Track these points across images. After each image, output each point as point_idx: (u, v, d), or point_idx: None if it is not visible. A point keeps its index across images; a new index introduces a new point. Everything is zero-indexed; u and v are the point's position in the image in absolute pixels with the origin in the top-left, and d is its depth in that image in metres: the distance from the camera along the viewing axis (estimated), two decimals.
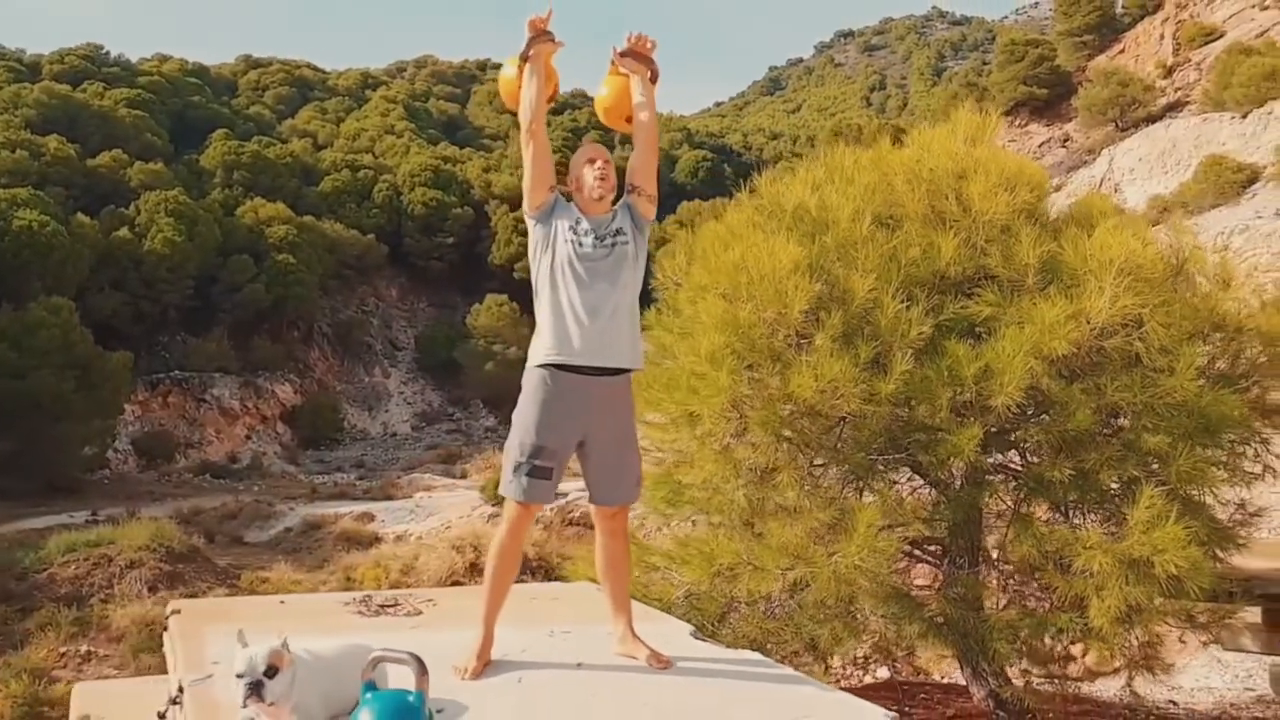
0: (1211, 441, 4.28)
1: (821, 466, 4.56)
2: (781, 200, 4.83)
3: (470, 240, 54.95)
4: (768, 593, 4.36)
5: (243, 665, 2.39)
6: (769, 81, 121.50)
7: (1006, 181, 4.45)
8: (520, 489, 3.10)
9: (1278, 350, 4.47)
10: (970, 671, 4.80)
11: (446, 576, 23.43)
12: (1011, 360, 3.94)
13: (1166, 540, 3.78)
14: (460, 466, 39.91)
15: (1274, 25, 35.87)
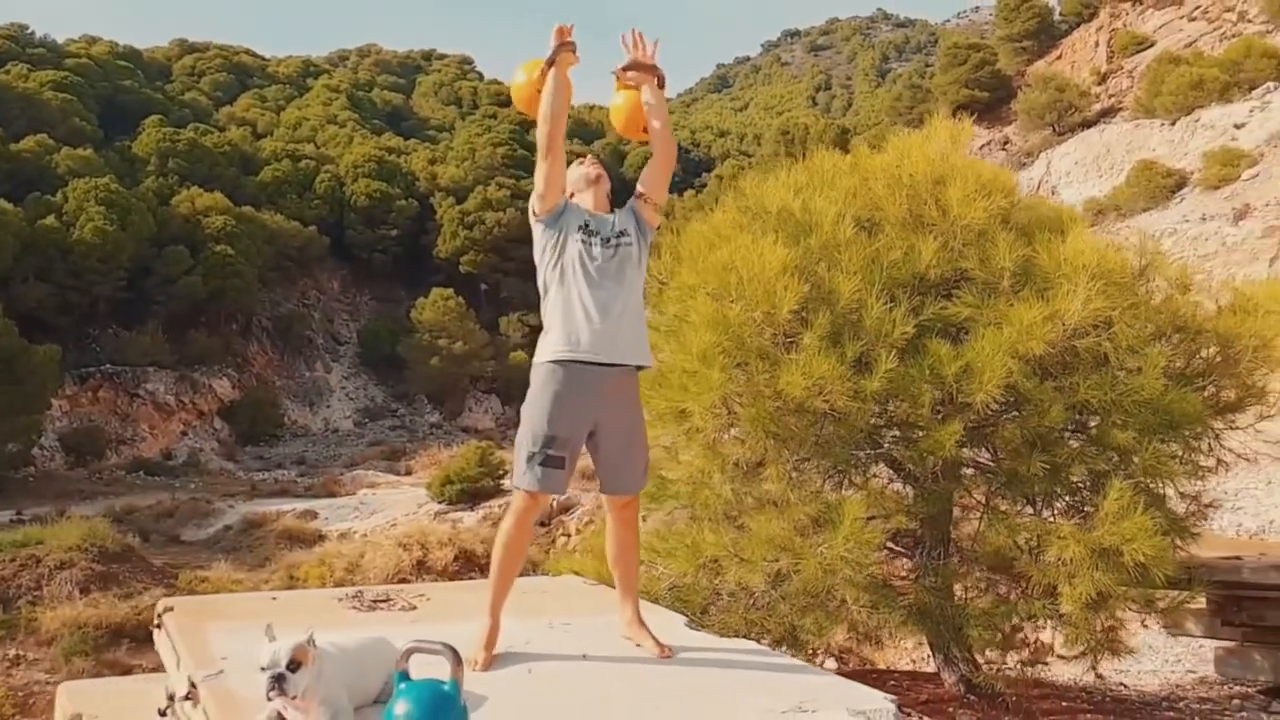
0: (1173, 437, 4.49)
1: (805, 461, 4.67)
2: (766, 203, 4.93)
3: (415, 233, 54.30)
4: (753, 584, 4.46)
5: (267, 659, 2.41)
6: (716, 79, 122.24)
7: (982, 188, 4.62)
8: (535, 479, 3.13)
9: (1232, 351, 4.71)
10: (942, 658, 4.96)
11: (393, 574, 23.19)
12: (991, 359, 4.09)
13: (1135, 530, 3.97)
14: (404, 463, 39.49)
15: (1201, 36, 37.19)
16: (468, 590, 4.44)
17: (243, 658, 2.87)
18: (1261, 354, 4.71)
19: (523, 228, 48.56)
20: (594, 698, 2.85)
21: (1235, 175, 27.76)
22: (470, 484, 29.61)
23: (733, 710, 2.80)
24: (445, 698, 2.35)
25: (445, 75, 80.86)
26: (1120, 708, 5.58)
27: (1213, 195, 28.05)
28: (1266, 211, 26.48)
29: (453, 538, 25.59)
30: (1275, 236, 25.60)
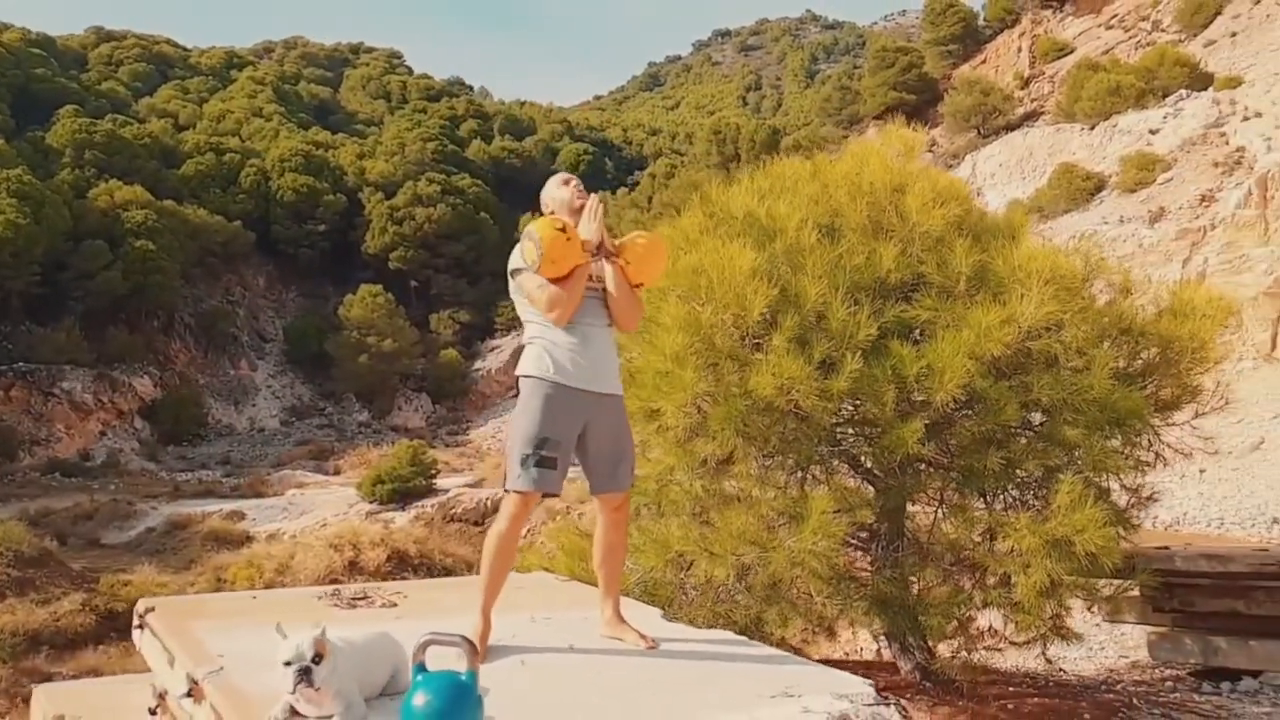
0: (1117, 433, 4.71)
1: (771, 458, 4.77)
2: (732, 208, 5.02)
3: (343, 228, 53.33)
4: (721, 577, 4.55)
5: (290, 653, 2.47)
6: (648, 77, 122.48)
7: (939, 195, 4.78)
8: (530, 480, 3.22)
9: (1172, 352, 4.96)
10: (898, 647, 5.12)
11: (324, 575, 22.80)
12: (951, 360, 4.24)
13: (1085, 521, 4.16)
14: (333, 463, 38.82)
15: (1118, 44, 38.59)
16: (445, 588, 4.48)
17: (240, 655, 2.93)
18: (1199, 355, 4.97)
19: (453, 224, 47.65)
20: (589, 686, 2.93)
21: (1151, 179, 28.89)
22: (402, 484, 29.28)
23: (723, 695, 2.89)
24: (463, 688, 2.42)
25: (374, 69, 79.56)
26: (1064, 691, 5.82)
27: (1130, 198, 29.16)
28: (1180, 214, 27.63)
29: (385, 538, 25.27)
30: (1187, 239, 26.75)
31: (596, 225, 3.37)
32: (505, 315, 51.62)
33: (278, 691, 2.58)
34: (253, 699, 2.65)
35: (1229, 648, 6.18)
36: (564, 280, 3.26)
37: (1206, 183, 28.41)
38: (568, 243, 3.23)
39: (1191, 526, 16.66)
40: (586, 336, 3.34)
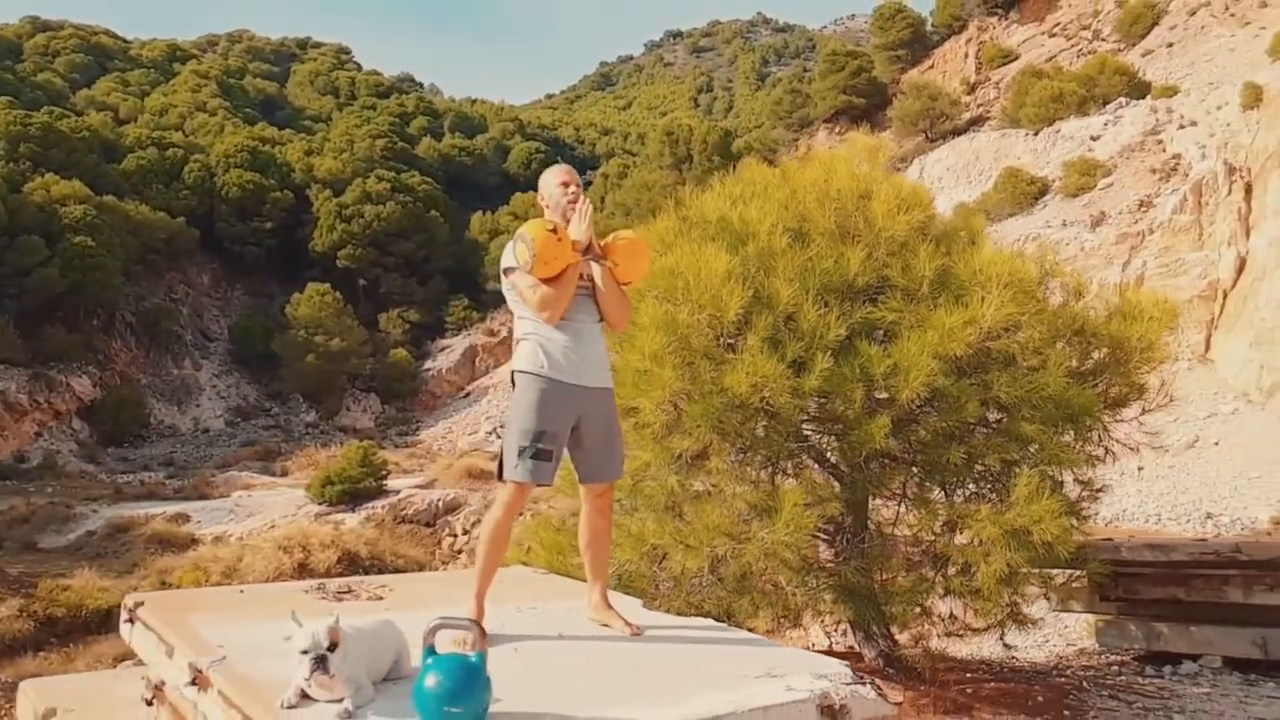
0: (1071, 429, 4.93)
1: (744, 454, 4.90)
2: (705, 212, 5.15)
3: (290, 225, 52.50)
4: (696, 569, 4.67)
5: (307, 642, 2.55)
6: (600, 77, 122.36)
7: (903, 202, 4.96)
8: (527, 471, 3.34)
9: (1122, 352, 5.19)
10: (862, 635, 5.29)
11: (274, 577, 22.48)
12: (917, 360, 4.41)
13: (1042, 512, 4.36)
14: (280, 464, 38.25)
15: (1061, 52, 39.59)
16: (428, 581, 4.55)
17: (239, 645, 3.02)
18: (1147, 355, 5.21)
19: (403, 222, 47.15)
20: (581, 670, 3.03)
21: (1092, 184, 29.70)
22: (352, 485, 28.95)
23: (710, 676, 3.02)
24: (473, 669, 2.52)
25: (322, 64, 78.47)
26: (1017, 676, 6.04)
27: (1072, 203, 29.94)
28: (1119, 219, 28.45)
29: (335, 539, 24.98)
30: (1127, 243, 27.56)
31: (586, 226, 3.46)
32: (455, 315, 51.30)
33: (282, 678, 2.67)
34: (259, 685, 2.73)
35: (1170, 633, 6.46)
36: (555, 280, 3.35)
37: (1145, 188, 29.29)
38: (559, 244, 3.32)
39: (1130, 522, 17.20)
40: (579, 333, 3.46)
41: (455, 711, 2.46)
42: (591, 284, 3.51)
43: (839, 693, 3.01)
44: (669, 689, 2.89)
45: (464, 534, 26.40)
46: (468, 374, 49.40)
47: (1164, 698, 5.58)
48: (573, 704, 2.68)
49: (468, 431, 45.01)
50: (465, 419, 46.16)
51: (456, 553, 25.80)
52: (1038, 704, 5.33)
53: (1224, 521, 17.36)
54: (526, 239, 3.35)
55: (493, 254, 52.44)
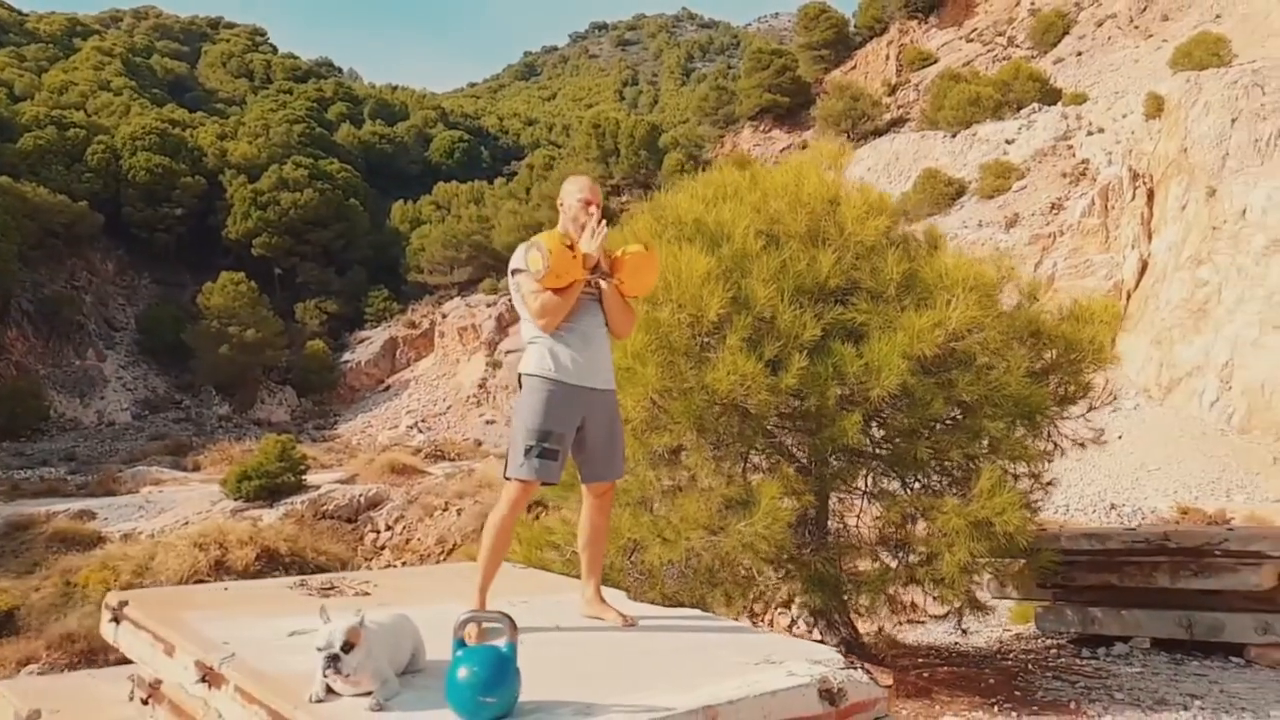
0: (1027, 425, 5.18)
1: (720, 449, 5.01)
2: (681, 214, 5.24)
3: (202, 212, 50.76)
4: (675, 560, 4.77)
5: (323, 640, 2.58)
6: (524, 66, 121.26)
7: (871, 209, 5.15)
8: (532, 469, 3.43)
9: (1074, 354, 5.48)
10: (825, 623, 5.47)
11: (189, 576, 21.84)
12: (888, 359, 4.59)
13: (1004, 504, 4.58)
14: (192, 459, 37.05)
15: (978, 56, 40.83)
16: (411, 576, 4.56)
17: (243, 641, 3.02)
18: (1096, 356, 5.51)
19: (321, 210, 46.04)
20: (590, 660, 3.11)
21: (1007, 186, 30.76)
22: (270, 480, 28.25)
23: (714, 664, 3.12)
24: (506, 660, 2.58)
25: (235, 46, 75.97)
26: (966, 661, 6.32)
27: (988, 204, 30.97)
28: (1032, 221, 29.55)
29: (254, 536, 24.37)
30: (1039, 244, 28.66)
31: (597, 243, 3.51)
32: (375, 306, 50.40)
33: (299, 673, 2.70)
34: (280, 679, 2.73)
35: (1104, 617, 6.83)
36: (560, 290, 3.41)
37: (1056, 192, 30.48)
38: (572, 260, 3.38)
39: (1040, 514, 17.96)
40: (585, 336, 3.54)
41: (489, 701, 2.52)
42: (598, 290, 3.59)
43: (836, 677, 3.14)
44: (678, 676, 2.98)
45: (386, 530, 25.99)
46: (387, 367, 48.58)
47: (1102, 678, 5.91)
48: (592, 692, 2.74)
49: (388, 426, 44.29)
50: (385, 413, 45.41)
51: (380, 549, 25.39)
52: (990, 686, 5.60)
53: (1126, 512, 18.25)
54: (542, 249, 3.40)
55: (414, 244, 51.68)
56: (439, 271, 50.47)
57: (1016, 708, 5.19)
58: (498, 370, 44.36)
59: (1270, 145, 24.48)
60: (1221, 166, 25.07)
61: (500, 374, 44.35)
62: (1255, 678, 5.93)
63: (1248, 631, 6.36)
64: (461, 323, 46.63)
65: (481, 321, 46.04)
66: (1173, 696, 5.45)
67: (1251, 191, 23.51)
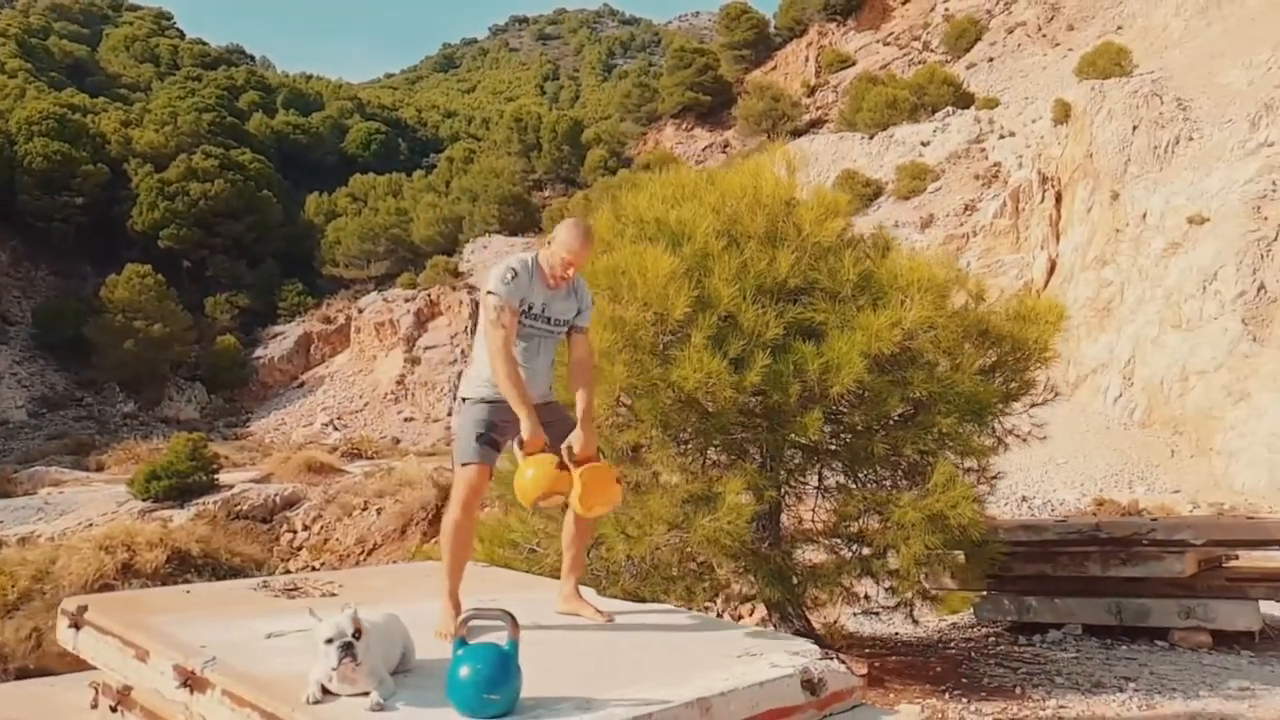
0: (977, 421, 5.36)
1: (684, 446, 5.06)
2: (643, 213, 5.26)
3: (105, 202, 48.65)
4: (640, 556, 4.80)
5: (332, 631, 2.58)
6: (443, 58, 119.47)
7: (827, 210, 5.26)
8: (478, 453, 3.49)
9: (1020, 352, 5.70)
10: (779, 616, 5.56)
11: (94, 580, 21.01)
12: (848, 358, 4.70)
13: (958, 497, 4.74)
14: (95, 458, 35.59)
15: (894, 60, 41.83)
16: (375, 576, 4.50)
17: (220, 644, 2.95)
18: (1041, 355, 5.75)
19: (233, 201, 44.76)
20: (575, 654, 3.12)
21: (922, 188, 31.61)
22: (181, 479, 27.35)
23: (698, 657, 3.17)
24: (508, 657, 2.59)
25: (139, 29, 72.97)
26: (911, 650, 6.51)
27: (904, 205, 31.77)
28: (946, 221, 30.45)
29: (164, 538, 23.57)
30: (953, 244, 29.53)
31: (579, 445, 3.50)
32: (289, 300, 49.11)
33: (285, 674, 2.69)
34: (268, 681, 2.69)
35: (1039, 605, 7.11)
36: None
37: (969, 193, 31.46)
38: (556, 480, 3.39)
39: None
40: (529, 353, 3.61)
41: (493, 699, 2.53)
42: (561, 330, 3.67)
43: (816, 668, 3.22)
44: (667, 670, 3.02)
45: (304, 530, 25.40)
46: (302, 363, 47.36)
47: (1041, 663, 6.16)
48: (587, 687, 2.76)
49: (302, 423, 43.24)
50: (299, 410, 44.32)
51: (296, 549, 24.79)
52: (937, 674, 5.78)
53: (1037, 504, 18.97)
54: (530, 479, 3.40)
55: (330, 237, 50.46)
56: (355, 265, 49.45)
57: (965, 694, 5.38)
58: (416, 367, 43.70)
59: (1168, 152, 25.70)
60: (1124, 171, 26.22)
61: (419, 370, 43.69)
62: (1180, 659, 6.26)
63: (1171, 616, 6.70)
64: (379, 318, 45.73)
65: (399, 317, 45.24)
66: (1108, 679, 5.71)
67: (1151, 196, 24.65)
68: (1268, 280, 20.63)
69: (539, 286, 3.55)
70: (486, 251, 45.88)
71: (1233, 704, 5.28)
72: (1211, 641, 6.58)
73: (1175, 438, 21.50)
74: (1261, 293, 20.62)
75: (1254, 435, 19.27)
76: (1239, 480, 18.96)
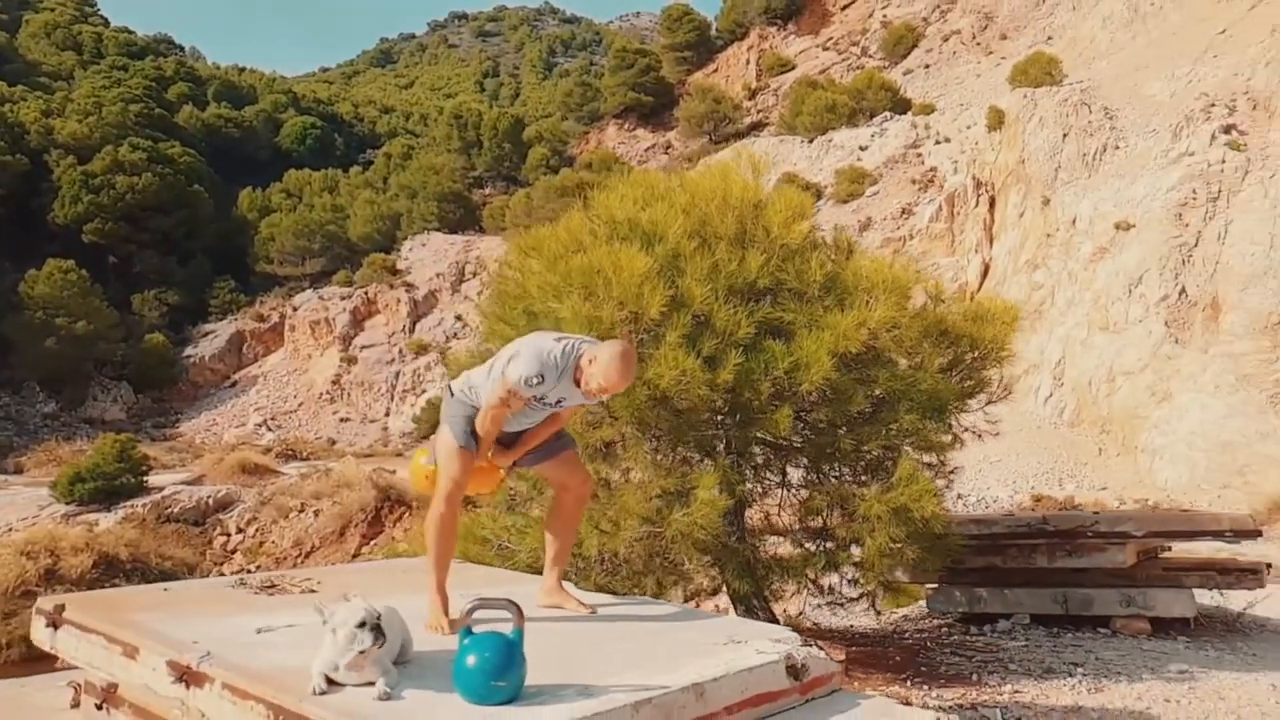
0: (938, 419, 5.54)
1: (657, 443, 5.13)
2: (614, 213, 5.32)
3: (24, 194, 46.95)
4: (615, 550, 4.86)
5: (362, 616, 2.65)
6: (380, 53, 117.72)
7: (794, 213, 5.39)
8: (464, 435, 3.54)
9: (977, 351, 5.90)
10: (744, 609, 5.67)
11: (15, 587, 20.32)
12: (816, 356, 4.83)
13: (921, 492, 4.90)
14: (14, 460, 34.40)
15: (833, 65, 42.51)
16: (353, 573, 4.50)
17: (213, 640, 2.95)
18: (997, 353, 5.96)
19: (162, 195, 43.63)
20: (568, 644, 3.17)
21: (861, 191, 32.17)
22: (108, 482, 26.58)
23: (686, 645, 3.25)
24: (513, 645, 2.66)
25: (60, 15, 70.46)
26: (869, 641, 6.68)
27: (843, 208, 32.31)
28: (884, 225, 31.06)
29: (90, 542, 22.88)
30: (890, 247, 30.13)
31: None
32: (221, 298, 48.00)
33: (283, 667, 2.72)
34: (270, 674, 2.70)
35: (989, 596, 7.35)
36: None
37: (906, 198, 32.14)
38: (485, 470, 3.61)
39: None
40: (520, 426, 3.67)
41: (500, 686, 2.59)
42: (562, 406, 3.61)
43: (799, 654, 3.32)
44: (659, 657, 3.09)
45: (238, 532, 24.90)
46: (234, 362, 46.31)
47: (993, 651, 6.38)
48: (586, 674, 2.82)
49: (235, 424, 42.29)
50: (231, 410, 43.34)
51: (230, 552, 24.27)
52: (897, 663, 5.95)
53: (971, 501, 19.48)
54: None
55: (263, 233, 49.40)
56: (290, 262, 48.52)
57: (925, 681, 5.55)
58: (352, 366, 43.05)
59: (1096, 159, 26.59)
60: (1054, 178, 27.06)
61: (356, 370, 43.03)
62: (1121, 646, 6.54)
63: (1113, 605, 6.98)
64: (314, 316, 44.94)
65: (335, 315, 44.50)
66: (1058, 665, 5.95)
67: (1080, 202, 25.50)
68: (1189, 285, 21.49)
69: (566, 385, 3.39)
70: (425, 249, 45.39)
71: (1174, 686, 5.55)
72: (1150, 628, 6.88)
73: (1102, 436, 22.27)
74: (1183, 296, 21.48)
75: (1175, 434, 20.06)
76: (1162, 477, 19.72)
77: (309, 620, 3.21)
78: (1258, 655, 6.51)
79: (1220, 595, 7.55)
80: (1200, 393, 20.14)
